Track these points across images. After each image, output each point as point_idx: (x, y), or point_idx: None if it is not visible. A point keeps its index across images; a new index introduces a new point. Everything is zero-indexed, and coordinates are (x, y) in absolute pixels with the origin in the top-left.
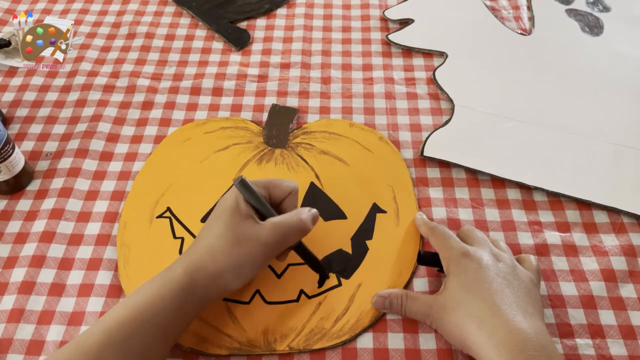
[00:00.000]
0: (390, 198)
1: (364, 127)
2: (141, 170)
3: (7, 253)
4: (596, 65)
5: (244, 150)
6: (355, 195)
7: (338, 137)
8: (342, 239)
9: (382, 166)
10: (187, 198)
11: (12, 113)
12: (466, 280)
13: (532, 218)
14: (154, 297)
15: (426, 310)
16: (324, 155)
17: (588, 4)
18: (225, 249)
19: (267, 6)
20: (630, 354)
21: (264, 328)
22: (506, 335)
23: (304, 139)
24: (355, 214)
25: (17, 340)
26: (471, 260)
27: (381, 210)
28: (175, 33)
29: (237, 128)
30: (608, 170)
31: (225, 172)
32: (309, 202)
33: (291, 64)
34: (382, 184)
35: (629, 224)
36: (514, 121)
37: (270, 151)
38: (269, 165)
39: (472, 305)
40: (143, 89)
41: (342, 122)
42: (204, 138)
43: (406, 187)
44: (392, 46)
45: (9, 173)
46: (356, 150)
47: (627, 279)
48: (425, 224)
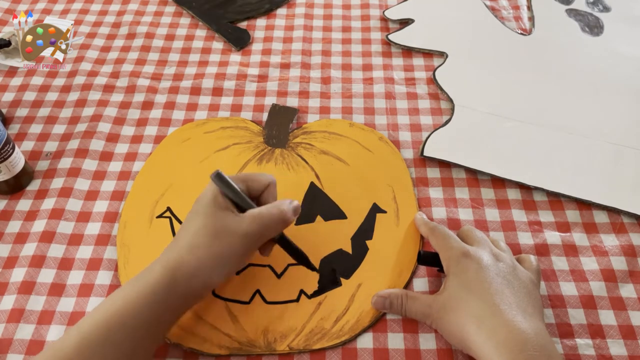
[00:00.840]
0: (390, 198)
1: (364, 127)
2: (141, 170)
3: (7, 253)
4: (596, 65)
5: (244, 150)
6: (356, 195)
7: (338, 137)
8: (342, 239)
9: (382, 166)
10: (187, 198)
11: (12, 113)
12: (466, 280)
13: (532, 218)
14: (133, 298)
15: (426, 310)
16: (324, 155)
17: (588, 4)
18: (204, 243)
19: (267, 6)
20: (630, 354)
21: (264, 328)
22: (506, 335)
23: (304, 138)
24: (356, 214)
25: (17, 340)
26: (471, 260)
27: (381, 210)
28: (175, 33)
29: (237, 128)
30: (608, 170)
31: (225, 172)
32: (309, 202)
33: (291, 64)
34: (382, 184)
35: (629, 224)
36: (514, 121)
37: (270, 151)
38: (269, 165)
39: (472, 305)
40: (143, 89)
41: (342, 122)
42: (204, 138)
43: (406, 187)
44: (392, 46)
45: (9, 173)
46: (356, 150)
47: (627, 279)
48: (426, 224)
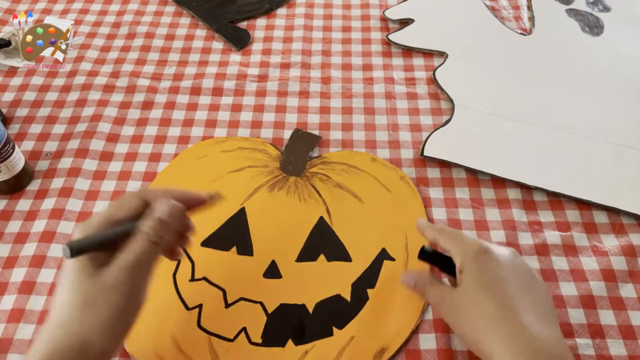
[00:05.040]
0: (401, 245)
1: (386, 164)
2: (153, 183)
3: (7, 253)
4: (596, 65)
5: (258, 174)
6: (365, 237)
7: (357, 171)
8: (343, 284)
9: (398, 209)
10: (193, 218)
11: (12, 113)
12: (484, 279)
13: (532, 218)
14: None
15: (439, 301)
16: (339, 190)
17: (588, 4)
18: (77, 316)
19: (267, 6)
20: (630, 354)
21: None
22: (524, 343)
23: (322, 169)
24: (361, 258)
25: (17, 340)
26: (491, 256)
27: (390, 257)
28: (175, 33)
29: (255, 150)
30: (608, 170)
31: (235, 196)
32: (314, 239)
33: (291, 64)
34: (395, 229)
35: (628, 224)
36: (514, 121)
37: (284, 178)
38: (281, 194)
39: (488, 306)
40: (143, 89)
41: (364, 156)
42: (220, 157)
43: (421, 235)
44: (392, 46)
45: (9, 173)
46: (374, 188)
47: (627, 279)
48: (431, 227)
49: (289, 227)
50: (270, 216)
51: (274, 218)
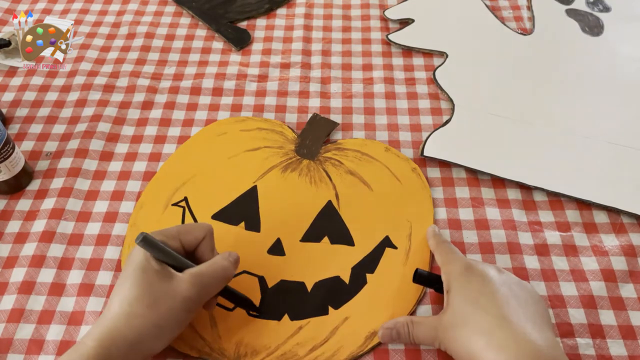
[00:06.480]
0: (405, 235)
1: (399, 154)
2: (171, 156)
3: (7, 253)
4: (596, 66)
5: (273, 154)
6: (370, 223)
7: (370, 159)
8: (343, 266)
9: (406, 199)
10: (206, 191)
11: (12, 113)
12: (470, 294)
13: (532, 218)
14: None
15: (432, 333)
16: (350, 176)
17: (588, 4)
18: (141, 313)
19: (267, 6)
20: (630, 354)
21: (239, 339)
22: (517, 350)
23: (335, 154)
24: (364, 243)
25: (17, 340)
26: (474, 272)
27: (392, 245)
28: (175, 33)
29: (273, 131)
30: (608, 170)
31: (249, 173)
32: (321, 220)
33: (291, 64)
34: (401, 218)
35: (629, 224)
36: (514, 121)
37: (297, 160)
38: (293, 175)
39: (479, 320)
40: (143, 89)
41: (378, 145)
42: (238, 135)
43: (426, 226)
44: (392, 46)
45: (9, 173)
46: (384, 177)
47: (627, 279)
48: (435, 237)
49: (297, 208)
50: (280, 196)
51: (284, 198)
